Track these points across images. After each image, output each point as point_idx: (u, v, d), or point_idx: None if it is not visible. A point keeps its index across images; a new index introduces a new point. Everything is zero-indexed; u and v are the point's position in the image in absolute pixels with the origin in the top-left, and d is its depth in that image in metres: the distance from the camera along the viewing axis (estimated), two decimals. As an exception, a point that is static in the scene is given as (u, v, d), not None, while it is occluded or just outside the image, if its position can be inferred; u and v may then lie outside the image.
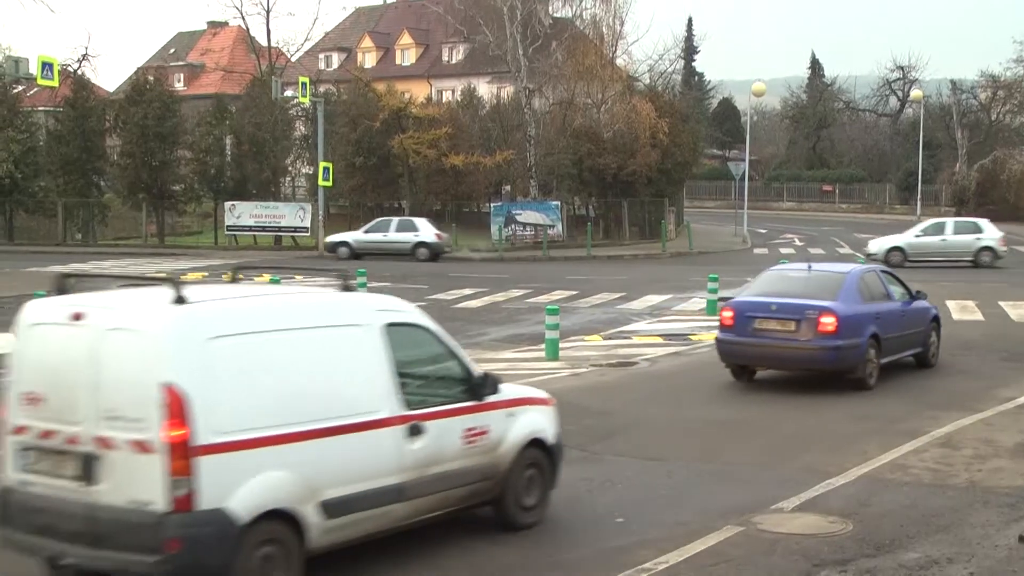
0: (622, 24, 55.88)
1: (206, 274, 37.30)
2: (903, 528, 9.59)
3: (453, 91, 69.77)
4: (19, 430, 8.24)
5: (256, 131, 52.12)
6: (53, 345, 8.17)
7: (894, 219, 69.96)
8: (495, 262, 43.88)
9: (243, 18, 59.55)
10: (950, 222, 41.92)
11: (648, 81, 61.97)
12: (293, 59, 61.64)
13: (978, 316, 24.36)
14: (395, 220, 45.91)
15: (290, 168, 58.49)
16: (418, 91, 62.87)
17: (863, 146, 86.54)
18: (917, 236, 40.26)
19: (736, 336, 16.69)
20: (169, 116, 51.53)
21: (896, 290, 18.10)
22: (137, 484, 7.63)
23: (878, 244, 40.25)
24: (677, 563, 8.73)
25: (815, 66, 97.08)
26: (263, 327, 8.34)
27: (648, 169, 51.03)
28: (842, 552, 8.98)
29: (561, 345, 20.02)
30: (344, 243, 44.34)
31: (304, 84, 46.97)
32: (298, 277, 35.68)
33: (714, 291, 26.30)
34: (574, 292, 30.74)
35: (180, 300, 7.97)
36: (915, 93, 77.30)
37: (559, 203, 51.96)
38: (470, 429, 9.53)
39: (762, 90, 57.68)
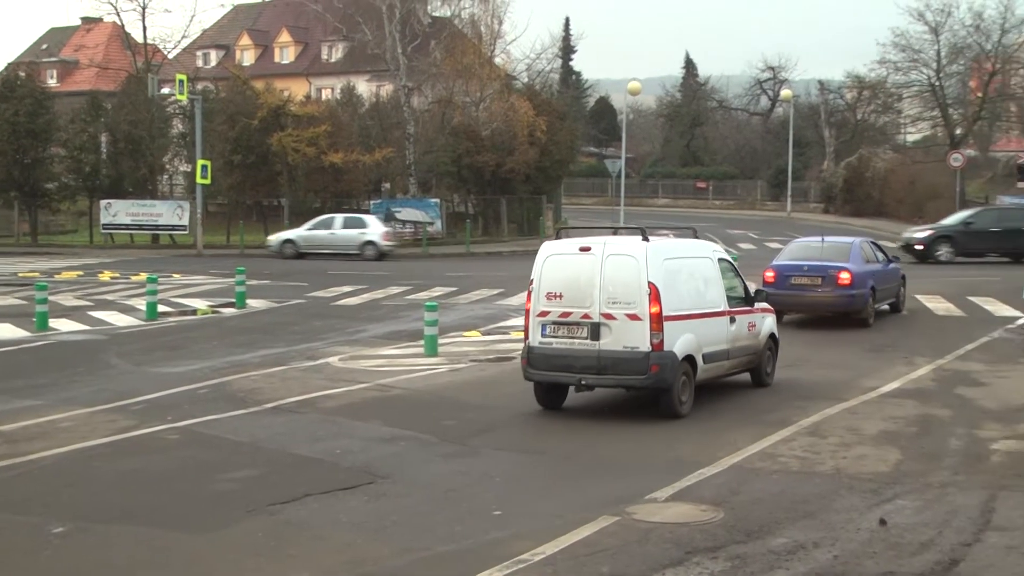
0: (500, 23, 56.20)
1: (81, 273, 36.52)
2: (772, 515, 9.85)
3: (332, 89, 69.30)
4: (542, 314, 14.33)
5: (132, 128, 51.11)
6: (567, 265, 14.37)
7: (766, 215, 71.61)
8: (374, 259, 43.70)
9: (118, 14, 58.08)
10: (339, 217, 45.11)
11: (526, 80, 62.32)
12: (170, 56, 60.44)
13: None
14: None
15: (167, 166, 57.43)
16: (297, 89, 62.23)
17: (735, 144, 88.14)
18: (308, 230, 43.86)
19: (776, 290, 21.57)
20: (42, 113, 50.29)
21: (880, 256, 24.83)
22: (630, 338, 13.81)
23: (276, 238, 44.35)
24: (553, 554, 8.83)
25: (689, 66, 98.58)
26: (682, 255, 15.11)
27: (526, 167, 51.36)
28: (713, 539, 9.17)
29: (440, 341, 20.08)
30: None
31: (181, 81, 46.18)
32: (176, 275, 35.22)
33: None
34: (453, 288, 30.82)
35: (646, 239, 14.28)
36: (785, 93, 79.02)
37: (438, 200, 52.00)
38: (751, 323, 16.09)
39: (638, 89, 58.38)
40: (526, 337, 14.58)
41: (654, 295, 13.76)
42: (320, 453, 12.43)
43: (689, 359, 14.27)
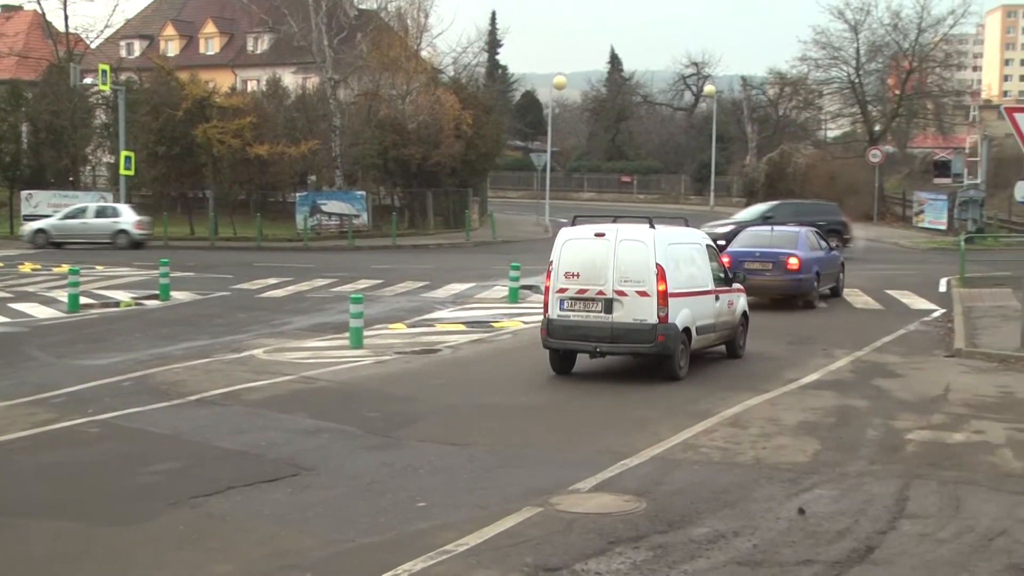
0: (426, 16, 56.21)
1: (0, 264, 35.88)
2: (693, 505, 9.99)
3: (258, 81, 68.67)
4: (561, 290, 16.43)
5: (54, 118, 50.32)
6: (584, 248, 16.45)
7: (690, 209, 71.96)
8: (300, 251, 43.48)
9: (39, 2, 57.25)
10: (92, 206, 45.26)
11: (452, 73, 62.38)
12: (93, 46, 59.61)
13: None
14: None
15: (90, 157, 56.64)
16: (222, 80, 61.68)
17: (660, 138, 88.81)
18: (61, 219, 43.92)
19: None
20: (-41, 101, 49.34)
21: (823, 244, 26.93)
22: (639, 312, 16.00)
23: (28, 227, 44.30)
24: (477, 544, 8.88)
25: (614, 61, 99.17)
26: (682, 241, 17.39)
27: (452, 160, 51.38)
28: (636, 529, 9.28)
29: (365, 333, 20.05)
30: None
31: (104, 71, 45.58)
32: (98, 267, 34.73)
33: (516, 279, 26.74)
34: (379, 281, 30.76)
35: (652, 226, 16.49)
36: (708, 88, 79.84)
37: (364, 193, 51.83)
38: (730, 301, 18.34)
39: (563, 83, 58.62)
40: (545, 311, 16.73)
41: (661, 275, 15.96)
42: (244, 445, 12.36)
43: (686, 331, 16.53)
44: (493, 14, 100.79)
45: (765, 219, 37.19)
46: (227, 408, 14.49)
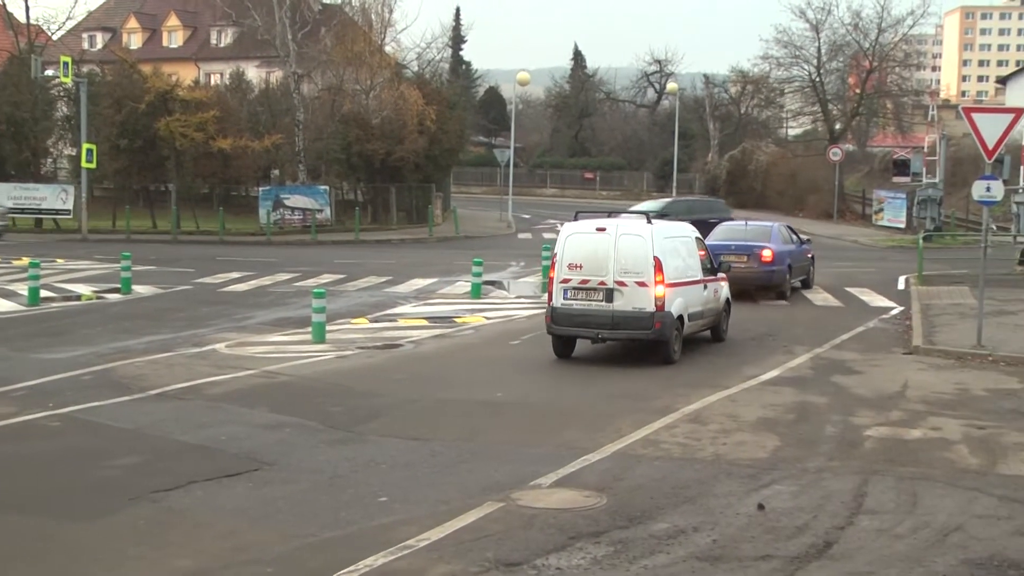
0: (391, 12, 56.14)
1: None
2: (653, 500, 10.06)
3: (221, 75, 68.37)
4: (565, 281, 17.57)
5: (14, 110, 49.84)
6: (586, 242, 17.58)
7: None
8: (263, 246, 43.31)
9: (-1, -7, 56.59)
10: None
11: (416, 69, 62.23)
12: (54, 37, 59.02)
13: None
14: None
15: (52, 149, 56.10)
16: (185, 74, 61.28)
17: (623, 135, 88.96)
18: None
19: None
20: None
21: (795, 238, 28.37)
22: (638, 301, 17.16)
23: None
24: (439, 539, 8.92)
25: (578, 58, 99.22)
26: (675, 235, 18.60)
27: (416, 155, 51.29)
28: (596, 525, 9.34)
29: (328, 328, 20.04)
30: None
31: (66, 63, 45.13)
32: (59, 260, 34.46)
33: (478, 275, 26.76)
34: (342, 276, 30.70)
35: (650, 222, 17.85)
36: (671, 86, 79.94)
37: (328, 188, 51.66)
38: (715, 289, 19.61)
39: (527, 80, 58.64)
40: (549, 300, 17.95)
41: (658, 267, 17.20)
42: (205, 440, 12.33)
43: (680, 318, 17.79)
44: (457, 10, 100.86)
45: (661, 216, 37.75)
46: (188, 402, 14.45)
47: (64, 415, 13.53)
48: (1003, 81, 74.63)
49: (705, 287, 19.05)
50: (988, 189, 19.09)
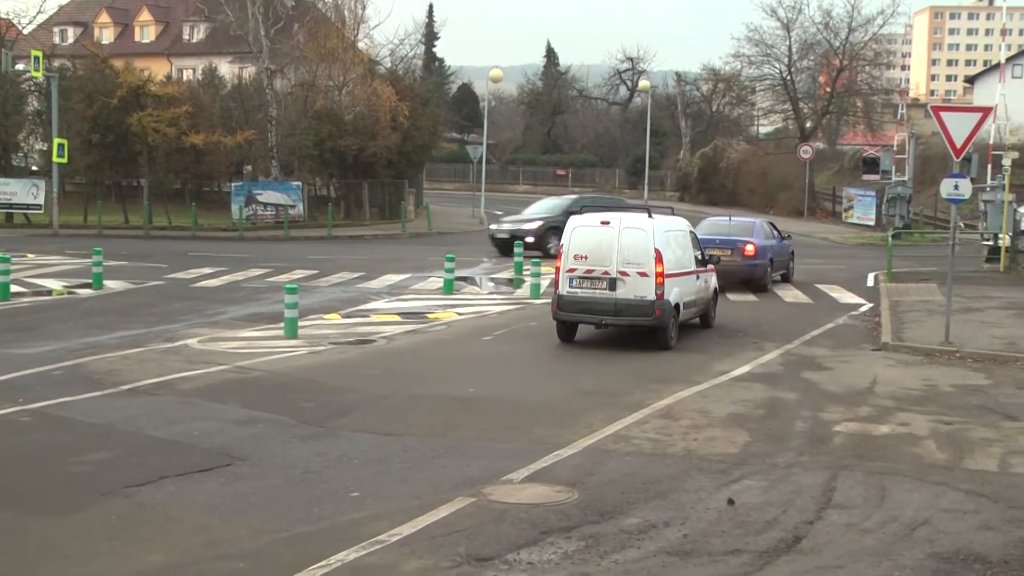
0: (364, 8, 56.15)
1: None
2: (624, 495, 10.12)
3: (194, 70, 68.09)
4: (571, 270, 18.75)
5: (-16, 105, 49.44)
6: (591, 234, 18.74)
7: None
8: (235, 241, 43.16)
9: (-31, -13, 56.15)
10: None
11: (389, 65, 62.26)
12: (25, 32, 58.52)
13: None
14: None
15: (22, 144, 55.69)
16: (158, 69, 61.07)
17: (595, 132, 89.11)
18: None
19: None
20: None
21: (776, 233, 29.49)
22: (640, 289, 18.34)
23: None
24: (410, 534, 8.94)
25: (550, 55, 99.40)
26: (672, 229, 19.67)
27: (388, 151, 51.29)
28: (568, 520, 9.39)
29: (300, 324, 20.01)
30: None
31: (37, 58, 44.77)
32: (30, 255, 34.26)
33: (451, 271, 26.80)
34: (314, 271, 30.67)
35: (651, 216, 19.09)
36: (643, 83, 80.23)
37: (300, 184, 51.55)
38: (706, 280, 20.92)
39: (499, 76, 58.66)
40: (556, 288, 19.09)
41: (658, 258, 18.40)
42: (177, 435, 12.30)
43: (677, 306, 18.97)
44: (430, 7, 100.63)
45: (568, 213, 37.67)
46: (160, 398, 14.41)
47: (35, 410, 13.46)
48: (971, 81, 75.35)
49: (698, 277, 20.36)
50: (956, 187, 19.26)
